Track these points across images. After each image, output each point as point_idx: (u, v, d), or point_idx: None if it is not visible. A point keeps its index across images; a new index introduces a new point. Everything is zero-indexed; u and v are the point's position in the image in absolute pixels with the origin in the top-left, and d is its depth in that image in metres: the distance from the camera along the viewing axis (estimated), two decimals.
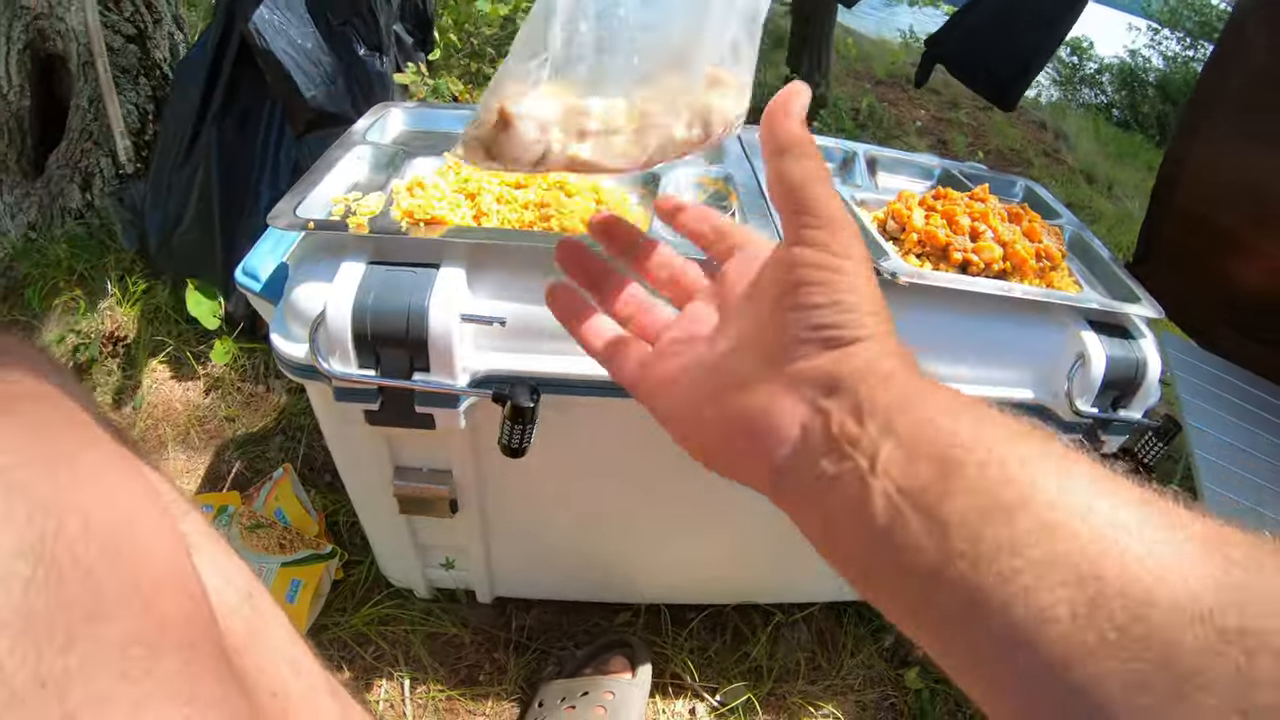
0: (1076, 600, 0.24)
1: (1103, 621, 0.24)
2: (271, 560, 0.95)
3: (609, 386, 0.68)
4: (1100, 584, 0.24)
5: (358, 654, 0.93)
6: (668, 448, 0.77)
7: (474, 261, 0.68)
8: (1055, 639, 0.25)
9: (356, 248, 0.69)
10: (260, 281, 0.92)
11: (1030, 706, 0.26)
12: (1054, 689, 0.25)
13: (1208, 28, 4.83)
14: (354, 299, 0.65)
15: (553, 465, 0.78)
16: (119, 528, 0.35)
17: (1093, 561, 0.25)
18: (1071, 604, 0.24)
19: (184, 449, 1.14)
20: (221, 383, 1.21)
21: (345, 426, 0.77)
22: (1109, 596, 0.24)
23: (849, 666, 1.01)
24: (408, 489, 0.79)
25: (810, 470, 0.32)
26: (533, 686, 0.93)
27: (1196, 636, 0.23)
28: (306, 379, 0.72)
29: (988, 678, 0.27)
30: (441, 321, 0.64)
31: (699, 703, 0.94)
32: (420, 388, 0.67)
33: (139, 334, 1.24)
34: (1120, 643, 0.24)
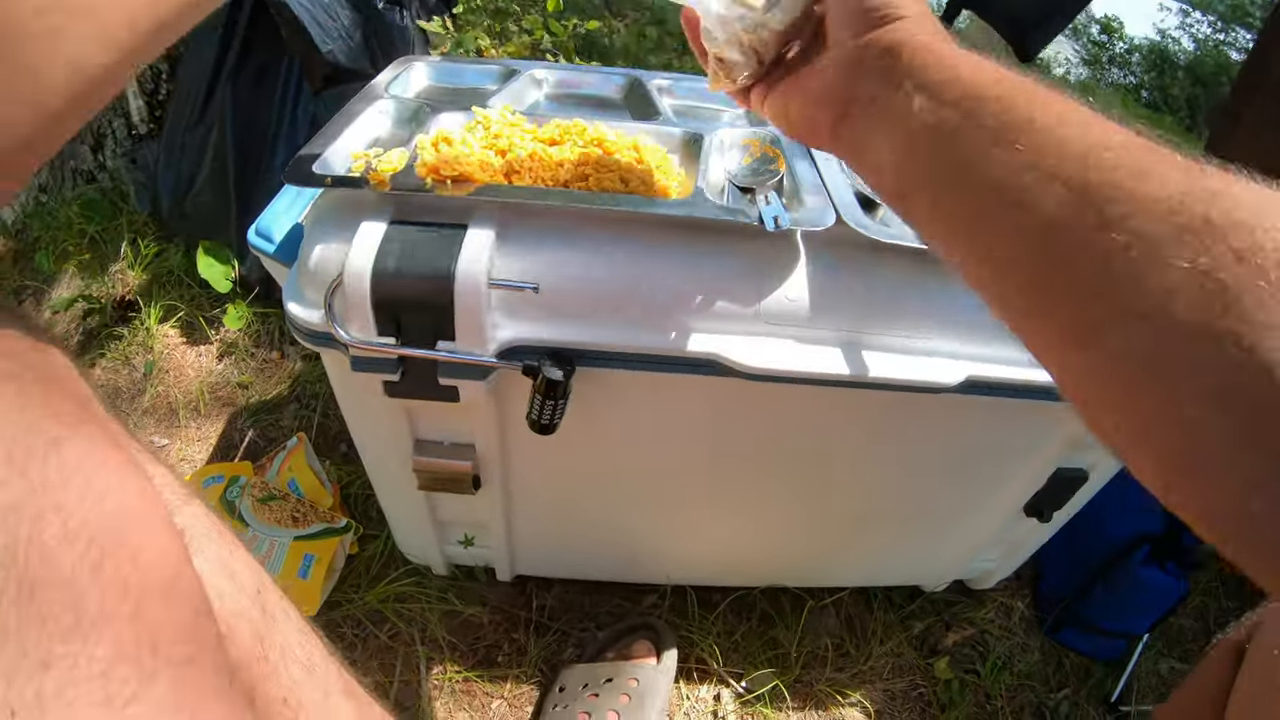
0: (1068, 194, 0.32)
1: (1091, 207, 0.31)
2: (284, 534, 0.92)
3: (649, 359, 0.64)
4: (1088, 181, 0.32)
5: (372, 632, 0.90)
6: (704, 425, 0.74)
7: (504, 222, 0.64)
8: (1053, 207, 0.32)
9: (377, 206, 0.65)
10: (274, 243, 0.87)
11: (1020, 254, 0.34)
12: (1038, 240, 0.33)
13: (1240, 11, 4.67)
14: (374, 261, 0.61)
15: (582, 441, 0.74)
16: (104, 529, 0.30)
17: (1083, 168, 0.32)
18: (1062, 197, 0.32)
19: (195, 416, 1.11)
20: (235, 348, 1.18)
21: (362, 397, 0.74)
22: (1098, 186, 0.31)
23: (878, 654, 0.98)
24: (428, 464, 0.75)
25: (864, 106, 0.42)
26: (553, 669, 0.90)
27: (1165, 218, 0.29)
28: (322, 347, 0.68)
29: (994, 253, 0.36)
30: (469, 287, 0.60)
31: (724, 689, 0.91)
32: (445, 358, 0.63)
33: (151, 298, 1.21)
34: (1104, 222, 0.30)
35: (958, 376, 0.68)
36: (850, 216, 0.64)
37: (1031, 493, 0.87)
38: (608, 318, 0.64)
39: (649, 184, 0.66)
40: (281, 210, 0.90)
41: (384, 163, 0.66)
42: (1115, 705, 1.02)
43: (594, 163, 0.66)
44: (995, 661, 1.01)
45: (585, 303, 0.63)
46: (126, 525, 0.31)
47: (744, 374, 0.64)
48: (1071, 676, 1.03)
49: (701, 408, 0.71)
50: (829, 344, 0.66)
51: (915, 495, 0.86)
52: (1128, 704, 1.02)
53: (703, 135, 0.75)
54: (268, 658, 0.46)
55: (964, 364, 0.69)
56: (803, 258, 0.66)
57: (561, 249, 0.63)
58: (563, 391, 0.62)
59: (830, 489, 0.83)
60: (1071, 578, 1.07)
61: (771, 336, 0.65)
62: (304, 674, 0.49)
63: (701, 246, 0.64)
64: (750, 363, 0.63)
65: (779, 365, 0.64)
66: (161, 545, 0.33)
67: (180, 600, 0.33)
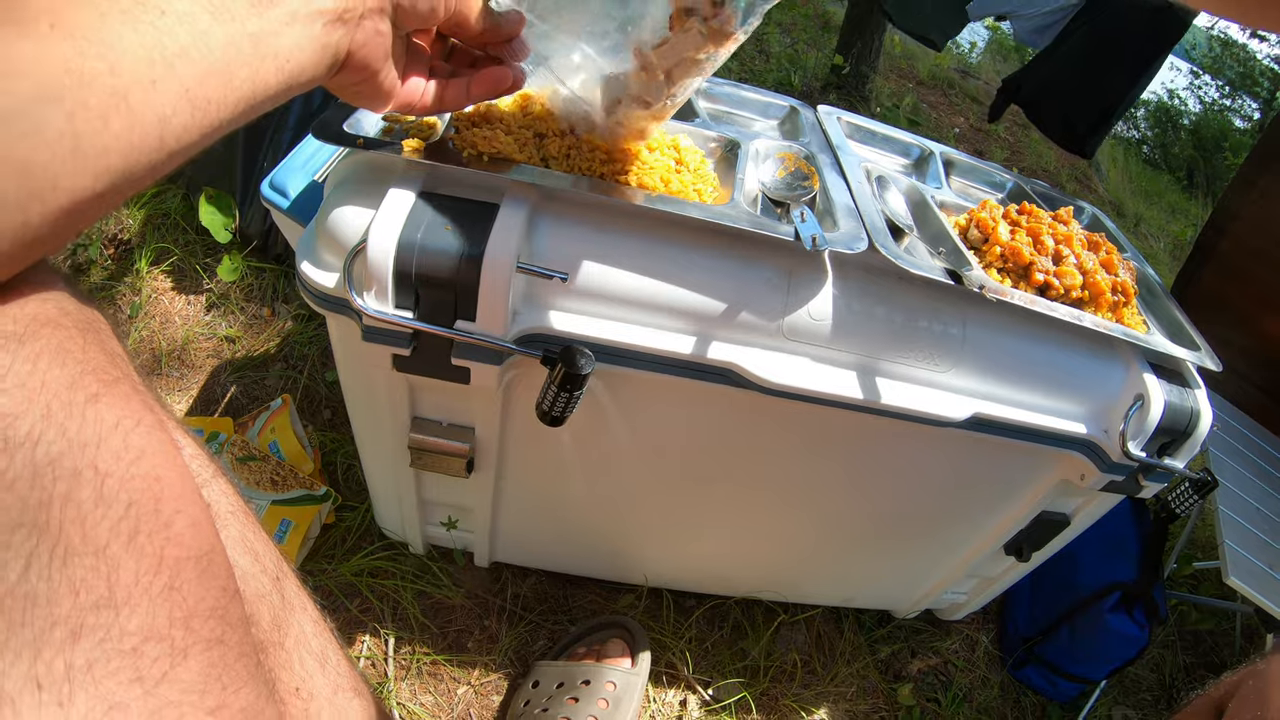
0: None
1: None
2: (262, 496, 0.90)
3: (668, 362, 0.64)
4: None
5: (343, 605, 0.88)
6: (706, 433, 0.73)
7: (537, 206, 0.62)
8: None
9: (406, 174, 0.63)
10: (288, 198, 0.85)
11: None
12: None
13: (1249, 80, 4.79)
14: (401, 231, 0.59)
15: (584, 435, 0.73)
16: (140, 494, 0.29)
17: None
18: None
19: (177, 365, 1.08)
20: (226, 300, 1.15)
21: (365, 368, 0.72)
22: None
23: (844, 675, 0.98)
24: (424, 442, 0.73)
25: None
26: (523, 660, 0.89)
27: None
28: (332, 311, 0.66)
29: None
30: (497, 268, 0.59)
31: (691, 695, 0.91)
32: (462, 338, 0.61)
33: (144, 239, 1.17)
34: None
35: (965, 412, 0.69)
36: (882, 243, 0.64)
37: (1014, 532, 0.88)
38: (632, 316, 0.63)
39: (686, 186, 0.66)
40: (298, 165, 0.87)
41: (418, 130, 0.65)
42: None
43: (633, 160, 0.65)
44: (956, 693, 1.02)
45: (612, 298, 0.62)
46: (161, 493, 0.30)
47: (760, 388, 0.64)
48: (1028, 715, 1.05)
49: (707, 416, 0.71)
50: (845, 366, 0.66)
51: (902, 522, 0.87)
52: None
53: (739, 143, 0.74)
54: (284, 645, 0.44)
55: (972, 401, 0.70)
56: (830, 278, 0.65)
57: (594, 241, 0.62)
58: (580, 385, 0.61)
59: (821, 508, 0.83)
60: (1038, 618, 1.09)
61: (790, 353, 0.65)
62: (317, 666, 0.47)
63: (733, 255, 0.64)
64: (768, 377, 0.63)
65: (796, 382, 0.63)
66: (194, 517, 0.31)
67: (212, 576, 0.31)
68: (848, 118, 0.89)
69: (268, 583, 0.44)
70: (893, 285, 0.67)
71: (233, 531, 0.43)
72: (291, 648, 0.44)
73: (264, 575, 0.44)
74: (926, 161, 0.90)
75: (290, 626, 0.44)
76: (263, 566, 0.44)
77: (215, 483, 0.43)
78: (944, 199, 0.80)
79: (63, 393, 0.27)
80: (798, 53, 2.93)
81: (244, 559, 0.43)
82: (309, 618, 0.47)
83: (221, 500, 0.43)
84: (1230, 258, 1.42)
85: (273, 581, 0.44)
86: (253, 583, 0.43)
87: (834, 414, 0.69)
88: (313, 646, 0.46)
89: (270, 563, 0.45)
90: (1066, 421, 0.74)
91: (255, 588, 0.43)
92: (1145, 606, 1.03)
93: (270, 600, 0.43)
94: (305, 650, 0.45)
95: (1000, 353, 0.71)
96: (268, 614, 0.43)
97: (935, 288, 0.68)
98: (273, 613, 0.43)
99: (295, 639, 0.45)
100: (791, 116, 0.86)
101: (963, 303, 0.70)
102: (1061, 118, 1.66)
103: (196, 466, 0.41)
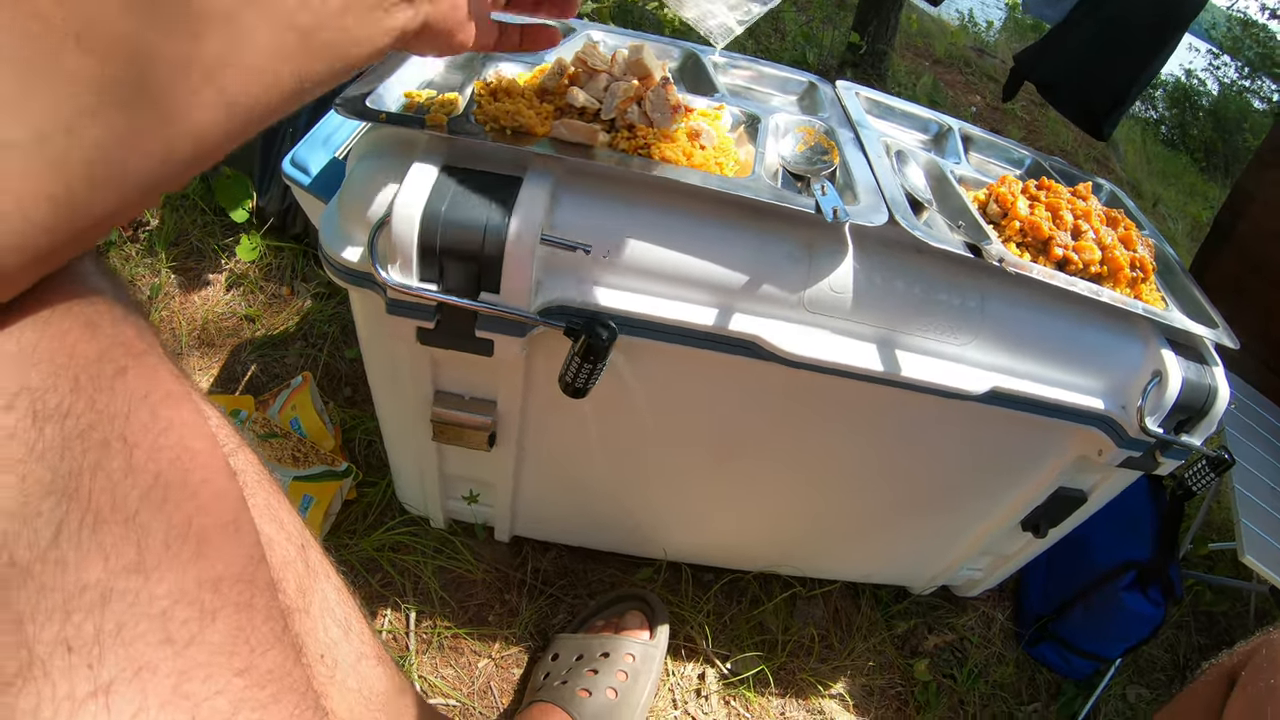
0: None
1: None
2: (284, 473, 0.91)
3: (690, 334, 0.64)
4: None
5: (364, 579, 0.90)
6: (728, 406, 0.74)
7: (561, 179, 0.63)
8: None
9: (429, 149, 0.63)
10: (310, 175, 0.86)
11: None
12: None
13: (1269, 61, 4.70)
14: (425, 204, 0.60)
15: (605, 408, 0.74)
16: (169, 464, 0.29)
17: None
18: None
19: (199, 345, 1.09)
20: (244, 280, 1.16)
21: (389, 342, 0.73)
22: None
23: (860, 650, 0.99)
24: (446, 415, 0.74)
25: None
26: (543, 634, 0.90)
27: None
28: (356, 285, 0.67)
29: None
30: (522, 239, 0.59)
31: (710, 668, 0.92)
32: (486, 310, 0.62)
33: (162, 221, 1.18)
34: None
35: (984, 386, 0.69)
36: (902, 216, 0.64)
37: (1031, 507, 0.88)
38: (653, 287, 0.63)
39: (707, 159, 0.66)
40: (319, 142, 0.88)
41: (440, 105, 0.65)
42: None
43: (655, 136, 0.65)
44: (972, 669, 1.03)
45: (635, 270, 0.63)
46: (189, 462, 0.30)
47: (782, 359, 0.64)
48: (1042, 691, 1.06)
49: (728, 389, 0.71)
50: (866, 339, 0.66)
51: (920, 497, 0.87)
52: None
53: (760, 117, 0.74)
54: (309, 611, 0.45)
55: (991, 374, 0.70)
56: (850, 251, 0.66)
57: (617, 213, 0.63)
58: (603, 355, 0.62)
59: (840, 483, 0.84)
60: (1053, 595, 1.09)
61: (812, 325, 0.65)
62: (341, 634, 0.48)
63: (754, 228, 0.64)
64: (790, 348, 0.63)
65: (817, 354, 0.64)
66: (221, 485, 0.32)
67: (239, 542, 0.32)
68: (866, 93, 0.89)
69: (293, 550, 0.45)
70: (912, 259, 0.68)
71: (258, 500, 0.44)
72: (316, 614, 0.45)
73: (289, 543, 0.44)
74: (945, 137, 0.89)
75: (315, 593, 0.45)
76: (288, 534, 0.45)
77: (241, 452, 0.44)
78: (963, 174, 0.80)
79: (91, 366, 0.28)
80: (813, 30, 2.91)
81: (269, 526, 0.44)
82: (332, 585, 0.48)
83: (248, 470, 0.44)
84: (1247, 240, 1.41)
85: (298, 549, 0.45)
86: (278, 550, 0.44)
87: (854, 387, 0.69)
88: (337, 614, 0.47)
89: (295, 531, 0.46)
90: (1084, 396, 0.74)
91: (281, 555, 0.44)
92: (1161, 585, 1.03)
93: (295, 567, 0.44)
94: (329, 617, 0.46)
95: (1019, 327, 0.71)
96: (293, 581, 0.44)
97: (954, 261, 0.68)
98: (298, 580, 0.44)
99: (320, 606, 0.46)
100: (810, 92, 0.86)
101: (982, 276, 0.70)
102: (1077, 99, 1.64)
103: (223, 437, 0.42)
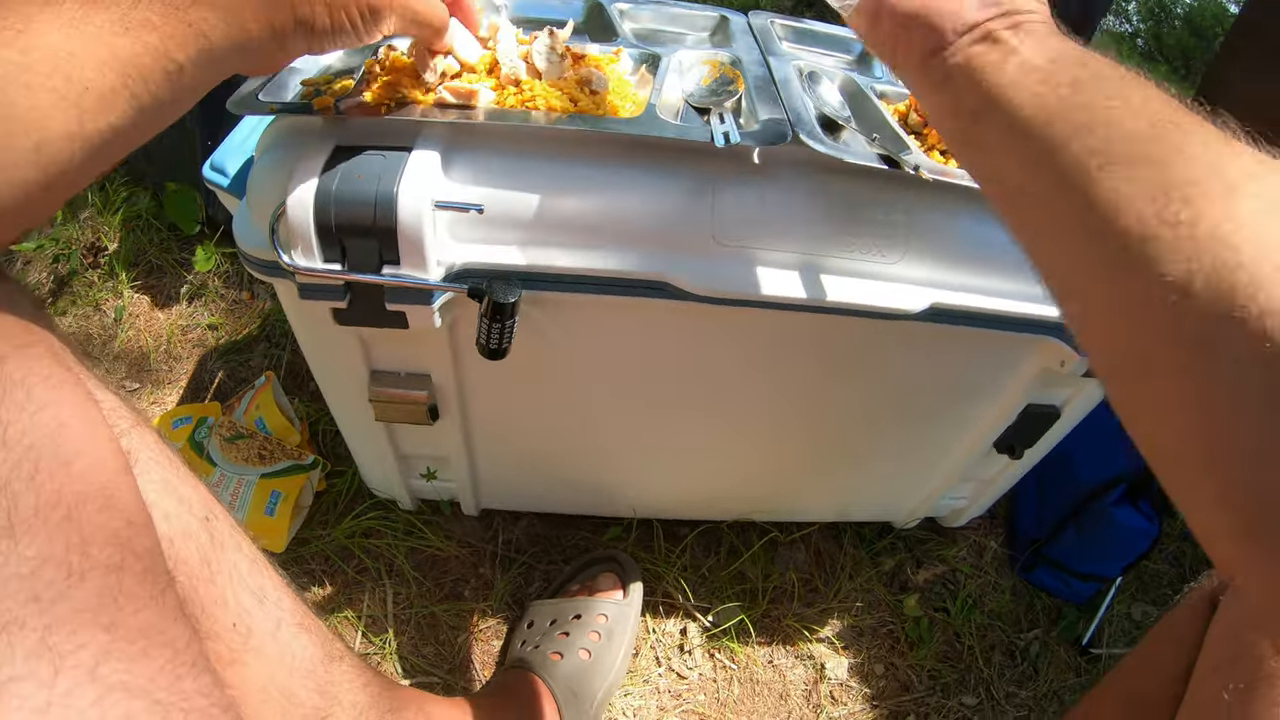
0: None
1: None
2: (251, 472, 0.92)
3: (597, 281, 0.63)
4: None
5: (340, 568, 0.91)
6: (661, 351, 0.73)
7: (451, 144, 0.62)
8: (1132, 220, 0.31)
9: (324, 133, 0.63)
10: (228, 177, 0.86)
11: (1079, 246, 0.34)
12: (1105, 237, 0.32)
13: None
14: (317, 186, 0.59)
15: (538, 368, 0.73)
16: (42, 438, 0.32)
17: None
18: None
19: (166, 360, 1.11)
20: (204, 290, 1.17)
21: (316, 329, 0.73)
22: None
23: (846, 590, 0.98)
24: (384, 394, 0.74)
25: (959, 53, 0.41)
26: (519, 603, 0.90)
27: None
28: (272, 277, 0.67)
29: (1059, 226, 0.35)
30: (412, 208, 0.59)
31: (690, 622, 0.92)
32: (390, 282, 0.61)
33: (121, 243, 1.19)
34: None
35: (921, 303, 0.67)
36: (808, 134, 0.62)
37: (1002, 428, 0.86)
38: (555, 239, 0.62)
39: (600, 104, 0.64)
40: (237, 144, 0.88)
41: (330, 88, 0.64)
42: (1086, 648, 1.02)
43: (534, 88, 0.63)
44: (966, 600, 1.01)
45: (531, 224, 0.62)
46: (63, 436, 0.33)
47: (694, 297, 0.63)
48: (1042, 617, 1.04)
49: (657, 333, 0.70)
50: (785, 266, 0.64)
51: (883, 428, 0.85)
52: (1099, 647, 1.02)
53: (660, 56, 0.72)
54: (214, 580, 0.47)
55: (929, 291, 0.68)
56: (760, 179, 0.64)
57: (508, 170, 0.61)
58: (510, 313, 0.61)
59: (795, 420, 0.82)
60: (1045, 518, 1.06)
61: (724, 259, 0.63)
62: (254, 602, 0.49)
63: (653, 166, 0.62)
64: (700, 286, 0.62)
65: (730, 289, 0.62)
66: (98, 456, 0.34)
67: (113, 511, 0.34)
68: (783, 20, 0.86)
69: (194, 523, 0.46)
70: (828, 179, 0.65)
71: (155, 476, 0.45)
72: (224, 584, 0.46)
73: (190, 515, 0.46)
74: (870, 56, 0.86)
75: (221, 564, 0.46)
76: (188, 508, 0.46)
77: (136, 432, 0.45)
78: (885, 90, 0.77)
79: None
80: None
81: (167, 501, 0.45)
82: (244, 556, 0.49)
83: (144, 450, 0.45)
84: None
85: (200, 522, 0.46)
86: (177, 523, 0.45)
87: (787, 319, 0.67)
88: (249, 583, 0.48)
89: (198, 505, 0.46)
90: (1036, 305, 0.71)
91: (181, 527, 0.45)
92: (1152, 497, 1.00)
93: (198, 539, 0.45)
94: (240, 586, 0.47)
95: (953, 238, 0.68)
96: (195, 552, 0.45)
97: (875, 177, 0.66)
98: (201, 551, 0.45)
99: (227, 576, 0.47)
100: (722, 26, 0.83)
101: (907, 190, 0.67)
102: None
103: (115, 418, 0.43)
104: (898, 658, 0.95)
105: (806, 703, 0.90)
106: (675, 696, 0.87)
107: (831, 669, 0.92)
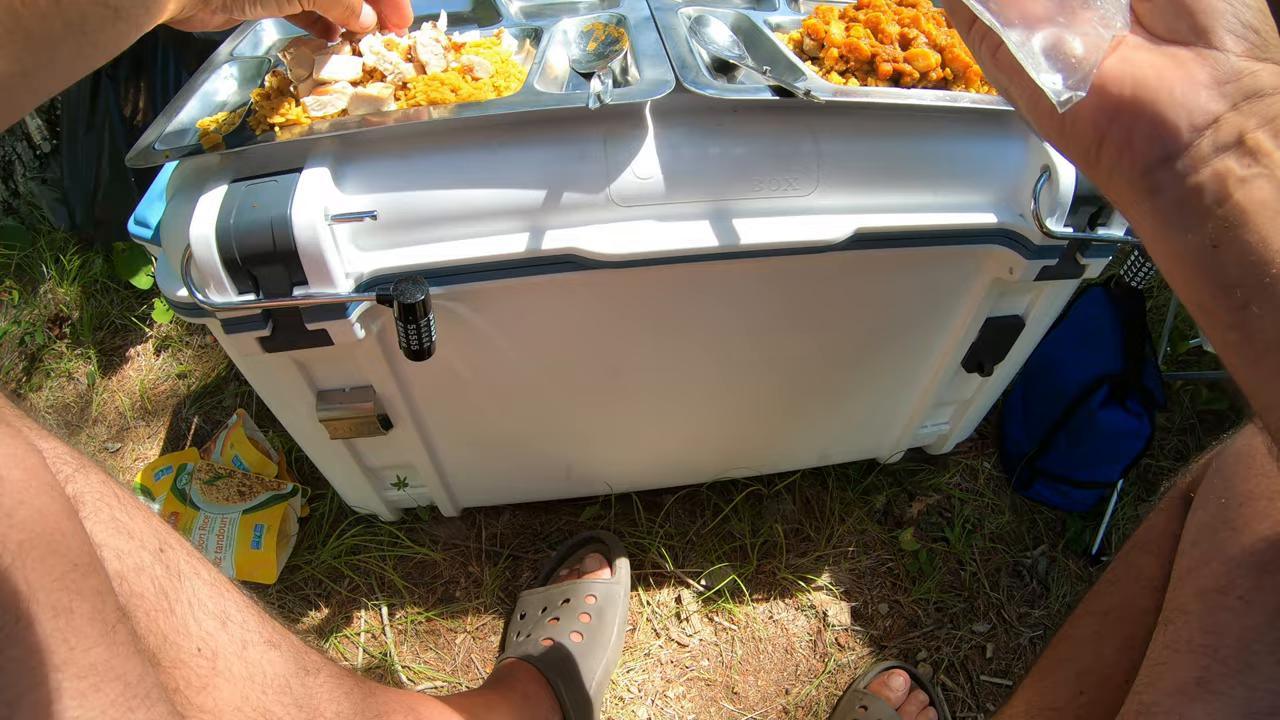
0: None
1: None
2: (233, 510, 0.93)
3: (504, 265, 0.63)
4: None
5: (333, 589, 0.91)
6: (594, 323, 0.72)
7: (340, 157, 0.62)
8: None
9: (221, 169, 0.63)
10: (150, 228, 0.87)
11: None
12: None
13: None
14: (216, 221, 0.59)
15: (475, 361, 0.73)
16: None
17: None
18: None
19: (143, 415, 1.12)
20: (170, 341, 1.18)
21: (253, 360, 0.73)
22: None
23: (839, 534, 0.97)
24: (333, 412, 0.75)
25: (1202, 165, 0.29)
26: (512, 596, 0.91)
27: None
28: (200, 318, 0.67)
29: None
30: (307, 226, 0.58)
31: (683, 589, 0.91)
32: (301, 302, 0.61)
33: (83, 310, 1.21)
34: None
35: (845, 231, 0.65)
36: (691, 80, 0.61)
37: (966, 346, 0.84)
38: (456, 231, 0.62)
39: (484, 89, 0.63)
40: (157, 195, 0.88)
41: (221, 124, 0.64)
42: (1096, 557, 1.00)
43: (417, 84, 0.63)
44: (964, 526, 1.00)
45: (431, 220, 0.61)
46: (4, 488, 0.34)
47: (605, 263, 0.62)
48: (1047, 532, 1.02)
49: (585, 305, 0.70)
50: (694, 218, 0.63)
51: (844, 366, 0.84)
52: (1108, 554, 1.00)
53: (541, 30, 0.71)
54: (174, 610, 0.48)
55: (851, 218, 0.66)
56: (650, 132, 0.62)
57: (398, 172, 0.61)
58: (421, 312, 0.61)
59: (752, 372, 0.81)
60: (1034, 431, 1.04)
61: (628, 220, 0.62)
62: (217, 625, 0.50)
63: (540, 140, 0.61)
64: (607, 250, 0.61)
65: (637, 248, 0.61)
66: (39, 506, 0.35)
67: (59, 555, 0.35)
68: None
69: (147, 557, 0.47)
70: (722, 120, 0.64)
71: (104, 516, 0.46)
72: (184, 612, 0.47)
73: (142, 550, 0.47)
74: None
75: (180, 593, 0.48)
76: (140, 543, 0.47)
77: (81, 475, 0.46)
78: (780, 21, 0.75)
79: None
80: None
81: (117, 539, 0.46)
82: (203, 582, 0.50)
83: (90, 491, 0.47)
84: None
85: (153, 554, 0.47)
86: (130, 559, 0.46)
87: (713, 269, 0.66)
88: (210, 608, 0.49)
89: (150, 539, 0.48)
90: (972, 214, 0.70)
91: (133, 563, 0.46)
92: (1138, 394, 0.98)
93: (151, 572, 0.47)
94: (201, 612, 0.48)
95: (867, 160, 0.67)
96: (150, 585, 0.46)
97: (773, 111, 0.64)
98: (156, 583, 0.47)
99: (187, 604, 0.48)
100: None
101: (810, 119, 0.65)
102: None
103: (60, 465, 0.45)
104: (900, 595, 0.94)
105: (813, 653, 0.89)
106: (678, 666, 0.87)
107: (834, 615, 0.92)
